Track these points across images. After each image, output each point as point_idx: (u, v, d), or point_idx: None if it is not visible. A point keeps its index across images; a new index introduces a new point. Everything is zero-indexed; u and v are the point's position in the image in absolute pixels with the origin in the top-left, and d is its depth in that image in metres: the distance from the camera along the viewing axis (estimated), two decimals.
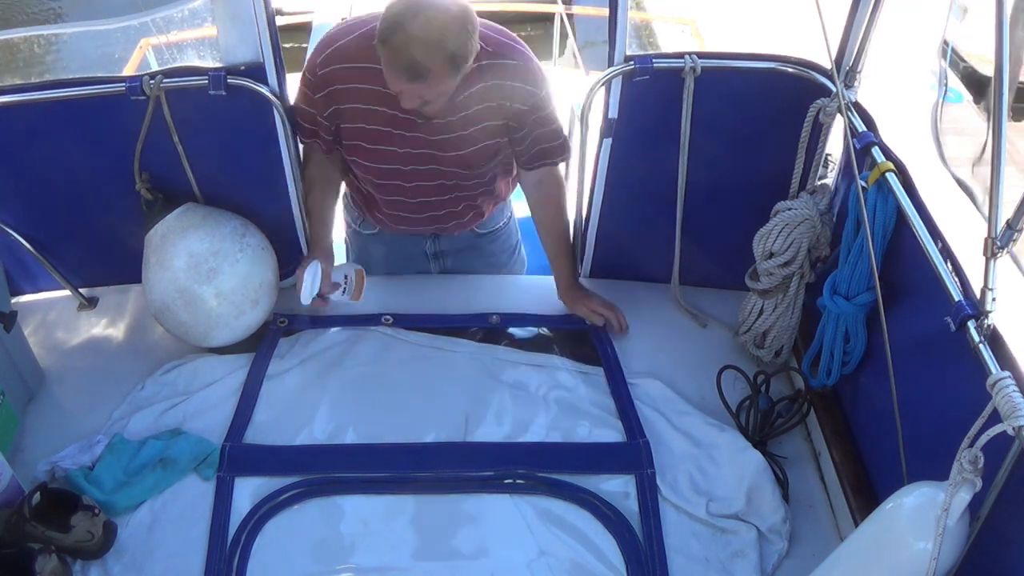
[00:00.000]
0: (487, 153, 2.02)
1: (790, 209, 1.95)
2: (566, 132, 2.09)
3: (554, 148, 2.05)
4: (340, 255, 2.57)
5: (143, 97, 1.91)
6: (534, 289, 2.37)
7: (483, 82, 1.86)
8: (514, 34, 1.94)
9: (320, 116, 1.96)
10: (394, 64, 1.70)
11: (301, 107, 1.99)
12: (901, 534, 1.31)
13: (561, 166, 2.15)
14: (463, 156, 2.00)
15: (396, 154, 1.99)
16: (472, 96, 1.88)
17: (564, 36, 6.06)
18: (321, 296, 2.11)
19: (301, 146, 2.10)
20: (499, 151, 2.04)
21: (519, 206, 2.32)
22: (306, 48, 4.53)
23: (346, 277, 2.19)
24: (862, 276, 1.73)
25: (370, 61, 1.80)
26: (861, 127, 1.85)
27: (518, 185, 2.25)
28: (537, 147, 2.03)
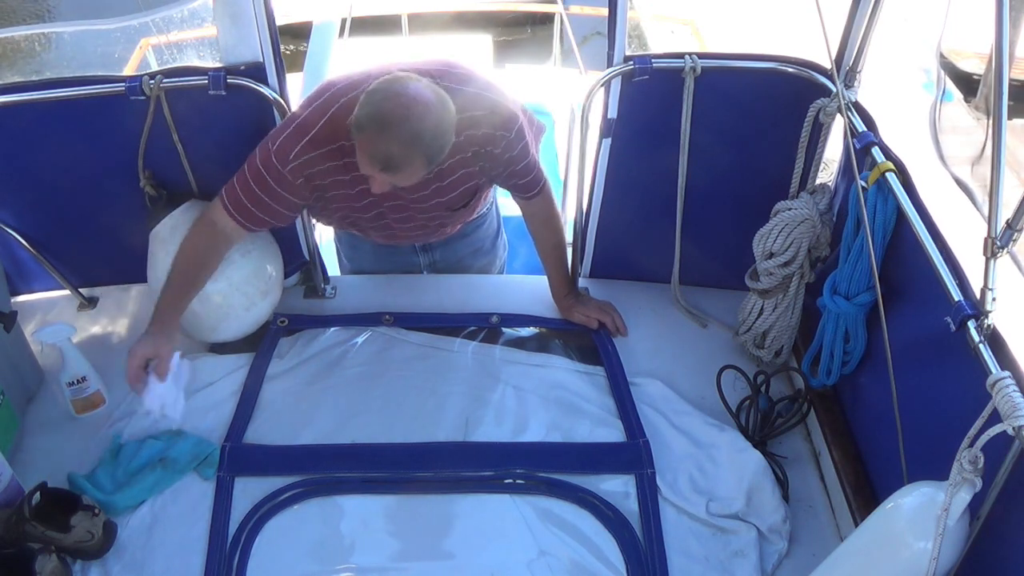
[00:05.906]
0: (467, 193, 2.03)
1: (790, 209, 1.95)
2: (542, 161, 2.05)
3: (528, 183, 2.03)
4: (331, 252, 2.57)
5: (143, 97, 1.92)
6: (534, 289, 2.37)
7: (454, 137, 1.80)
8: (477, 74, 1.87)
9: (296, 200, 1.88)
10: (368, 153, 1.66)
11: (266, 202, 1.84)
12: (901, 534, 1.31)
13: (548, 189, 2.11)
14: (443, 202, 2.01)
15: (377, 203, 1.98)
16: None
17: (564, 36, 6.05)
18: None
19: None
20: (479, 188, 2.06)
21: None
22: (305, 49, 4.50)
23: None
24: (862, 276, 1.73)
25: (340, 140, 1.77)
26: (861, 127, 1.85)
27: None
28: (512, 182, 2.03)
